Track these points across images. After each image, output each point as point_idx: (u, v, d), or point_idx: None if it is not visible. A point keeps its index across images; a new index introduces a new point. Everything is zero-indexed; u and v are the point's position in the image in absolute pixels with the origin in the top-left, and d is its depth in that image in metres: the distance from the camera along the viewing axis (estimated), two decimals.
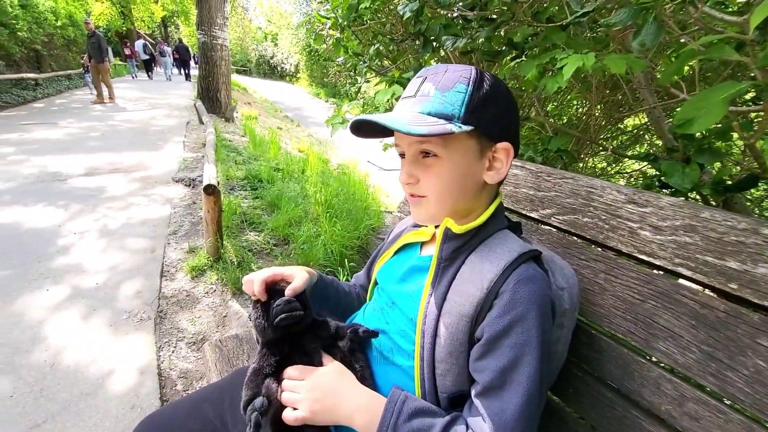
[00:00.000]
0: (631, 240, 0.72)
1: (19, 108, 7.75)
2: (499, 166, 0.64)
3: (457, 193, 0.64)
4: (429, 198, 0.65)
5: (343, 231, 2.97)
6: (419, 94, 0.62)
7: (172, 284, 2.36)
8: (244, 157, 4.90)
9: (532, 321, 0.56)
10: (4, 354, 1.72)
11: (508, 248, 0.63)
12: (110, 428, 1.44)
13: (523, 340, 0.56)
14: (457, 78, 0.61)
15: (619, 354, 0.69)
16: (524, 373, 0.55)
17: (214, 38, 7.26)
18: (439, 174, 0.63)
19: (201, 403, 0.80)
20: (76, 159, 4.47)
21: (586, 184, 0.82)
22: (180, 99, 10.51)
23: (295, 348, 0.70)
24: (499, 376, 0.55)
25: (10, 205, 3.16)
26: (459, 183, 0.64)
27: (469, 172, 0.64)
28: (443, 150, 0.61)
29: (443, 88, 0.61)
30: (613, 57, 0.92)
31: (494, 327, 0.57)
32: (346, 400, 0.62)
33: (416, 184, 0.65)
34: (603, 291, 0.73)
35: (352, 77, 2.06)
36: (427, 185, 0.64)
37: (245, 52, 30.97)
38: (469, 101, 0.60)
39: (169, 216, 3.24)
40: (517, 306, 0.57)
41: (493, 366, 0.56)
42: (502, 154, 0.64)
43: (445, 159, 0.62)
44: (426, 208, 0.67)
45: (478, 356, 0.58)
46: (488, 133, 0.62)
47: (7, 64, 9.09)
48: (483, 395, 0.57)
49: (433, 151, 0.62)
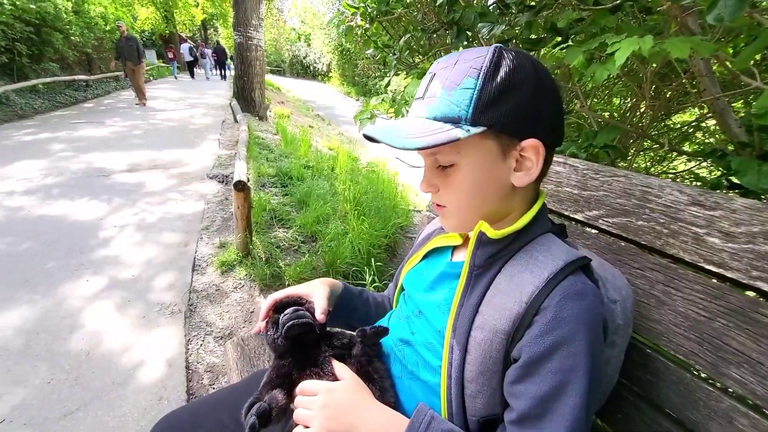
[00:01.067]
0: (696, 247, 0.62)
1: (70, 108, 8.26)
2: (530, 166, 0.55)
3: (478, 202, 0.58)
4: (450, 207, 0.60)
5: (371, 229, 2.93)
6: (427, 95, 0.56)
7: (202, 278, 2.41)
8: (275, 155, 4.97)
9: (580, 344, 0.48)
10: (45, 341, 1.80)
11: (552, 256, 0.54)
12: (138, 419, 1.47)
13: (568, 365, 0.48)
14: (466, 71, 0.52)
15: (680, 378, 0.60)
16: (568, 404, 0.47)
17: (249, 39, 7.44)
18: (457, 184, 0.57)
19: (217, 407, 0.78)
20: (120, 156, 4.69)
21: (640, 182, 0.73)
22: (217, 98, 10.86)
23: (306, 359, 0.67)
24: (538, 405, 0.48)
25: (58, 199, 3.34)
26: (480, 191, 0.57)
27: (490, 177, 0.56)
28: (457, 157, 0.55)
29: (450, 86, 0.53)
30: (674, 40, 0.81)
31: (534, 348, 0.49)
32: (363, 419, 0.56)
33: (437, 193, 0.60)
34: (661, 305, 0.64)
35: (382, 70, 2.01)
36: (447, 196, 0.59)
37: (279, 53, 31.68)
38: (478, 98, 0.51)
39: (203, 211, 3.32)
40: (563, 325, 0.49)
41: (531, 392, 0.49)
42: (532, 152, 0.55)
43: (462, 166, 0.56)
44: (449, 219, 0.63)
45: (515, 379, 0.51)
46: (508, 131, 0.53)
47: (61, 67, 9.71)
48: (518, 424, 0.50)
49: (445, 162, 0.57)
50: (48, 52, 9.00)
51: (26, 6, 7.62)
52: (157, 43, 23.96)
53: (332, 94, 19.74)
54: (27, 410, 1.46)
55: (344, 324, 0.88)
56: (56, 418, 1.45)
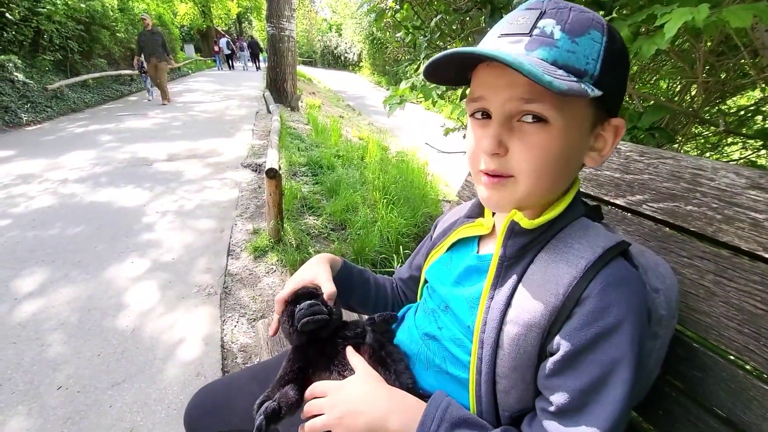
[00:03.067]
0: (755, 234, 0.57)
1: (116, 101, 8.74)
2: (602, 147, 0.51)
3: (557, 175, 0.51)
4: (519, 178, 0.49)
5: (400, 218, 2.92)
6: (536, 33, 0.45)
7: (237, 263, 2.50)
8: (306, 144, 5.04)
9: (624, 334, 0.45)
10: (95, 318, 1.93)
11: (588, 243, 0.50)
12: (178, 392, 1.55)
13: (613, 356, 0.45)
14: (589, 21, 0.46)
15: (731, 375, 0.55)
16: (611, 396, 0.44)
17: (281, 30, 7.53)
18: (544, 146, 0.47)
19: (250, 381, 0.81)
20: (161, 146, 4.92)
21: (690, 164, 0.67)
22: (251, 90, 11.13)
23: (320, 353, 0.66)
24: (578, 397, 0.45)
25: (106, 186, 3.55)
26: (564, 162, 0.50)
27: (575, 149, 0.50)
28: (557, 114, 0.46)
29: (573, 32, 0.45)
30: (734, 8, 0.74)
31: (576, 340, 0.46)
32: (376, 407, 0.53)
33: (504, 156, 0.49)
34: (711, 296, 0.59)
35: (412, 53, 1.97)
36: (523, 159, 0.48)
37: (311, 44, 31.95)
38: (606, 56, 0.45)
39: (237, 199, 3.43)
40: (606, 315, 0.45)
41: (571, 386, 0.46)
42: (611, 132, 0.51)
43: (555, 127, 0.46)
44: (511, 192, 0.51)
45: (552, 372, 0.48)
46: (610, 103, 0.48)
47: (108, 63, 10.26)
48: (556, 416, 0.47)
49: (542, 115, 0.46)
50: (97, 48, 9.51)
51: (77, 5, 8.07)
52: (195, 38, 24.80)
53: (363, 84, 19.72)
54: (80, 380, 1.59)
55: (343, 305, 0.83)
56: (105, 387, 1.56)
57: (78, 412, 1.45)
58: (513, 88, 0.46)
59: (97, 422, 1.42)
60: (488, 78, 0.49)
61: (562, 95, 0.42)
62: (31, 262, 2.34)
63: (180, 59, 17.17)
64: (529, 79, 0.41)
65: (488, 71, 0.48)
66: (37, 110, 6.32)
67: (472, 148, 0.53)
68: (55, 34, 7.50)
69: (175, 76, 14.16)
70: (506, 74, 0.45)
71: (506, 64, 0.41)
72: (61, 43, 7.77)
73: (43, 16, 7.05)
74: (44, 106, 6.53)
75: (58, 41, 7.66)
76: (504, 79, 0.46)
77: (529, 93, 0.45)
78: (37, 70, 7.13)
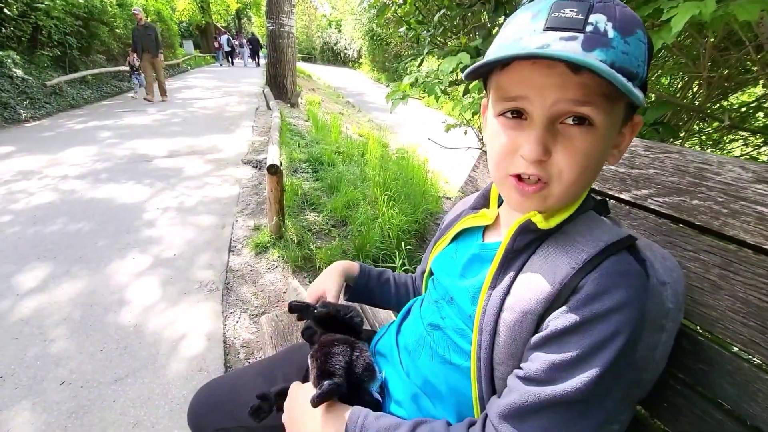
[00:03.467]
0: (761, 228, 0.57)
1: (115, 97, 8.70)
2: (620, 143, 0.51)
3: (592, 178, 0.50)
4: (557, 183, 0.47)
5: (401, 215, 2.92)
6: (590, 30, 0.41)
7: (238, 259, 2.50)
8: (306, 141, 5.04)
9: (613, 322, 0.44)
10: (97, 313, 1.93)
11: (592, 237, 0.50)
12: (180, 387, 1.56)
13: (594, 341, 0.44)
14: (634, 19, 0.43)
15: (737, 368, 0.55)
16: (578, 380, 0.43)
17: (281, 26, 7.50)
18: (588, 151, 0.45)
19: (256, 377, 0.81)
20: (161, 142, 4.91)
21: (696, 158, 0.67)
22: (251, 87, 11.09)
23: None
24: (549, 371, 0.45)
25: (106, 183, 3.55)
26: (598, 165, 0.49)
27: (607, 149, 0.49)
28: (604, 118, 0.44)
29: (624, 31, 0.42)
30: (741, 1, 0.74)
31: (563, 320, 0.46)
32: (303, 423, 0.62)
33: (547, 161, 0.46)
34: (716, 290, 0.60)
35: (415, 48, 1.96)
36: (565, 165, 0.46)
37: (310, 40, 31.81)
38: (648, 58, 0.44)
39: (238, 195, 3.43)
40: (597, 301, 0.45)
41: (545, 358, 0.46)
42: (629, 129, 0.50)
43: (599, 130, 0.45)
44: (544, 198, 0.49)
45: (533, 346, 0.48)
46: (637, 103, 0.44)
47: (107, 59, 10.21)
48: (520, 379, 0.48)
49: (592, 118, 0.44)
50: (95, 44, 9.46)
51: (75, 0, 8.03)
52: (194, 34, 24.70)
53: (363, 80, 19.66)
54: (83, 375, 1.59)
55: (368, 303, 0.92)
56: (108, 382, 1.56)
57: (82, 407, 1.46)
58: (564, 90, 0.43)
59: (101, 417, 1.42)
60: (533, 76, 0.44)
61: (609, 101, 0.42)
62: (32, 258, 2.34)
63: (179, 55, 17.10)
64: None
65: (533, 69, 0.44)
66: (36, 106, 6.30)
67: (502, 152, 0.50)
68: (53, 30, 7.46)
69: (174, 73, 14.11)
70: (555, 74, 0.43)
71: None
72: (60, 39, 7.73)
73: (41, 11, 7.01)
74: (43, 102, 6.51)
75: (57, 37, 7.62)
76: (553, 79, 0.43)
77: (584, 95, 0.43)
78: (35, 66, 7.09)
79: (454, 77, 1.26)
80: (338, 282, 0.80)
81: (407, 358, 0.67)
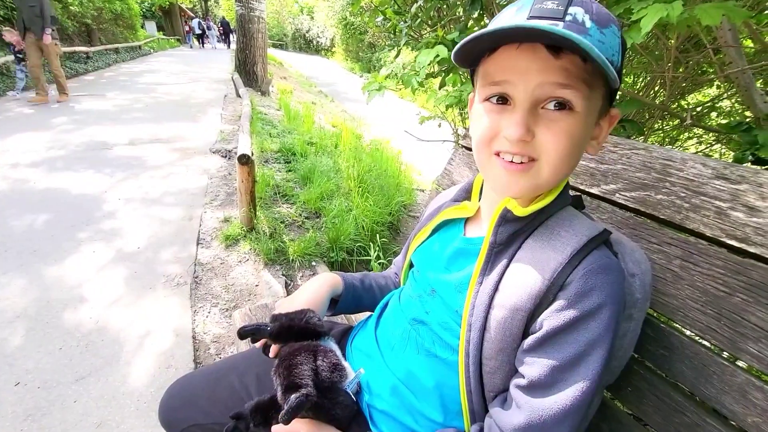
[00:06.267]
0: (719, 222, 0.61)
1: (71, 80, 8.11)
2: (598, 135, 0.54)
3: (575, 162, 0.52)
4: (542, 162, 0.49)
5: (375, 206, 2.92)
6: (569, 19, 0.44)
7: (207, 252, 2.42)
8: (278, 131, 4.91)
9: (604, 317, 0.47)
10: (55, 309, 1.82)
11: (574, 231, 0.52)
12: (147, 384, 1.50)
13: (590, 338, 0.47)
14: (609, 15, 0.46)
15: (695, 353, 0.59)
16: (582, 375, 0.47)
17: (251, 10, 7.23)
18: (570, 132, 0.48)
19: (228, 372, 0.79)
20: (121, 129, 4.64)
21: (661, 155, 0.71)
22: (219, 73, 10.67)
23: None
24: (551, 373, 0.48)
25: (62, 171, 3.33)
26: (581, 149, 0.52)
27: (586, 137, 0.51)
28: (584, 103, 0.47)
29: (600, 23, 0.45)
30: (705, 6, 0.77)
31: (556, 320, 0.48)
32: None
33: (531, 141, 0.48)
34: (678, 280, 0.63)
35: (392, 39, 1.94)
36: (550, 145, 0.48)
37: (281, 26, 30.86)
38: (622, 50, 0.48)
39: (206, 186, 3.30)
40: (587, 298, 0.47)
41: (545, 362, 0.48)
42: (607, 121, 0.54)
43: (580, 115, 0.47)
44: (534, 177, 0.51)
45: (530, 348, 0.50)
46: (614, 95, 0.51)
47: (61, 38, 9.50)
48: (525, 389, 0.50)
49: (571, 102, 0.46)
50: None
51: None
52: (157, 15, 23.41)
53: (336, 70, 19.35)
54: (40, 374, 1.50)
55: (354, 311, 0.89)
56: (69, 382, 1.48)
57: (39, 408, 1.38)
58: (547, 73, 0.45)
59: (61, 418, 1.35)
60: (517, 62, 0.47)
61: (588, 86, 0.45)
62: None
63: (141, 37, 16.16)
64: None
65: (517, 54, 0.46)
66: None
67: (485, 134, 0.51)
68: None
69: (135, 56, 13.33)
70: (539, 58, 0.45)
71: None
72: (6, 15, 7.11)
73: None
74: None
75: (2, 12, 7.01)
76: (537, 63, 0.45)
77: (566, 78, 0.45)
78: None
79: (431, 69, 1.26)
80: (327, 293, 0.77)
81: (390, 352, 0.67)
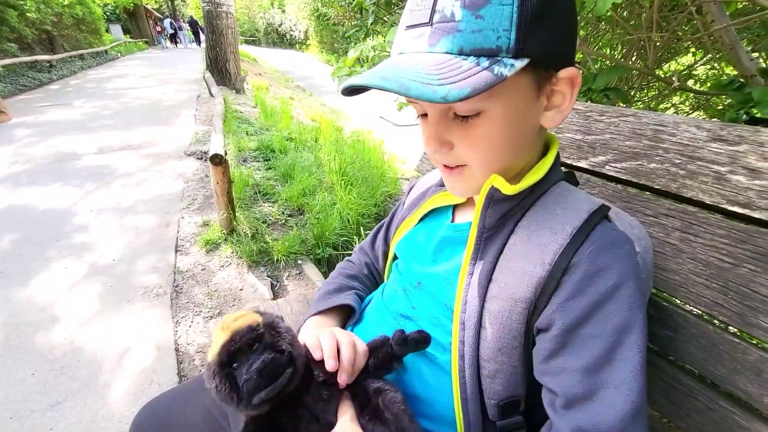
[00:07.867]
0: (718, 188, 0.56)
1: (35, 91, 7.76)
2: (560, 102, 0.45)
3: (511, 153, 0.47)
4: (473, 167, 0.47)
5: (359, 198, 2.85)
6: (437, 19, 0.39)
7: (186, 258, 2.32)
8: (255, 128, 4.78)
9: (624, 297, 0.41)
10: (25, 333, 1.71)
11: (572, 208, 0.46)
12: (129, 404, 1.42)
13: (616, 324, 0.40)
14: None
15: (703, 332, 0.54)
16: (623, 371, 0.39)
17: (218, 5, 6.98)
18: (486, 135, 0.44)
19: (199, 393, 0.72)
20: (90, 138, 4.44)
21: (652, 121, 0.65)
22: (190, 73, 10.34)
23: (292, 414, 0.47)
24: (586, 380, 0.40)
25: (28, 186, 3.16)
26: (513, 142, 0.46)
27: (523, 121, 0.45)
28: (487, 103, 0.42)
29: (474, 4, 0.38)
30: None
31: (569, 312, 0.41)
32: None
33: (450, 151, 0.46)
34: (678, 254, 0.58)
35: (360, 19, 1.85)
36: (469, 151, 0.46)
37: (252, 22, 30.08)
38: (519, 16, 0.38)
39: (182, 190, 3.18)
40: (599, 280, 0.41)
41: (574, 366, 0.41)
42: (566, 85, 0.45)
43: (492, 113, 0.43)
44: (468, 180, 0.49)
45: (549, 354, 0.43)
46: (548, 61, 0.42)
47: (20, 47, 9.07)
48: (567, 408, 0.41)
49: (478, 108, 0.43)
50: (4, 31, 8.37)
51: None
52: (122, 18, 22.57)
53: (312, 63, 19.00)
54: (11, 404, 1.40)
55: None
56: (43, 409, 1.39)
57: None
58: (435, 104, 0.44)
59: None
60: None
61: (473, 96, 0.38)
62: None
63: (106, 42, 15.57)
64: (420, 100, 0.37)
65: None
66: None
67: (424, 146, 0.50)
68: None
69: (102, 61, 12.84)
70: None
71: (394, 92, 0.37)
72: None
73: None
74: None
75: None
76: None
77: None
78: None
79: None
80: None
81: None
